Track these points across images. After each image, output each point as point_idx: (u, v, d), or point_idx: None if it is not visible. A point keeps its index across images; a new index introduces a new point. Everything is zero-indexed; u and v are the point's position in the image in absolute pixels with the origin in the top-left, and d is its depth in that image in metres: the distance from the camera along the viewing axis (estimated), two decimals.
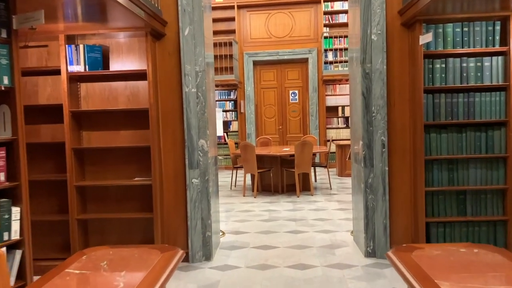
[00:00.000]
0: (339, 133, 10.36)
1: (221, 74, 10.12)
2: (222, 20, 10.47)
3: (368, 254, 3.82)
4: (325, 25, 10.23)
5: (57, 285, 1.73)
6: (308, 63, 10.44)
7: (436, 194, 3.63)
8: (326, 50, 10.10)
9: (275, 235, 4.64)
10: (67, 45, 3.62)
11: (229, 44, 10.11)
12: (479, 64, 3.53)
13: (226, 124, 10.63)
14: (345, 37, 10.02)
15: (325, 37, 10.06)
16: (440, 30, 3.53)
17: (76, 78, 3.77)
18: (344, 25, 10.20)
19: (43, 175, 3.86)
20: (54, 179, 3.77)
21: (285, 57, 10.42)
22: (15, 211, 2.48)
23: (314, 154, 7.55)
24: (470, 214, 3.61)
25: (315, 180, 8.27)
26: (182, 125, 3.81)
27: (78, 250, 3.69)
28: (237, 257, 3.95)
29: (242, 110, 10.63)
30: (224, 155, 10.69)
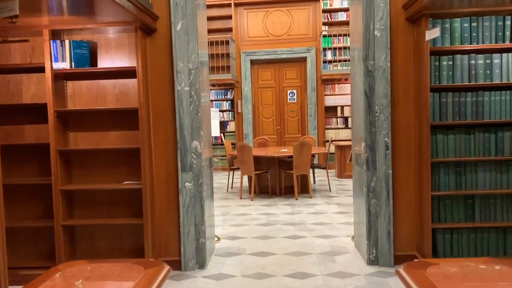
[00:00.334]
0: (338, 133, 10.17)
1: (217, 73, 9.92)
2: (218, 18, 10.26)
3: (370, 262, 3.62)
4: (324, 24, 10.03)
5: None
6: (306, 62, 10.24)
7: (443, 199, 3.43)
8: (325, 49, 9.90)
9: (273, 241, 4.44)
10: (51, 41, 3.41)
11: (226, 42, 9.90)
12: (488, 61, 3.33)
13: (223, 125, 10.42)
14: (344, 35, 9.84)
15: (324, 36, 9.87)
16: (447, 25, 3.33)
17: (62, 76, 3.57)
18: (344, 23, 10.02)
19: (27, 179, 3.65)
20: (39, 182, 3.55)
21: (283, 56, 10.22)
22: None
23: (313, 156, 7.36)
24: (478, 220, 3.42)
25: (314, 182, 8.07)
26: (174, 126, 3.61)
27: (64, 258, 3.49)
28: (233, 264, 3.75)
29: (239, 110, 10.43)
30: (221, 156, 10.48)
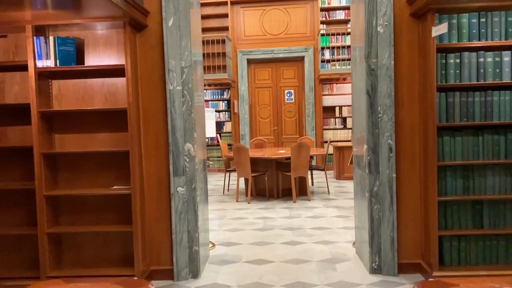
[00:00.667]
0: (336, 134, 9.99)
1: (213, 72, 9.72)
2: (214, 16, 10.06)
3: (373, 271, 3.44)
4: (322, 22, 9.85)
5: None
6: (304, 61, 10.06)
7: (450, 204, 3.25)
8: (323, 48, 9.72)
9: (270, 247, 4.24)
10: (35, 37, 3.21)
11: (222, 41, 9.70)
12: (497, 59, 3.15)
13: (219, 125, 10.22)
14: (343, 34, 9.66)
15: (322, 35, 9.68)
16: (454, 21, 3.15)
17: (46, 75, 3.36)
18: (342, 21, 9.85)
19: (10, 183, 3.44)
20: (22, 187, 3.34)
21: (281, 55, 10.03)
22: None
23: (311, 157, 7.17)
24: (487, 227, 3.24)
25: (312, 184, 7.89)
26: (166, 127, 3.41)
27: (49, 267, 3.30)
28: (228, 273, 3.55)
29: (236, 110, 10.23)
30: (217, 157, 10.28)
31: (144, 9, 3.30)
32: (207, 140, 9.69)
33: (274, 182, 6.81)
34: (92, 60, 3.45)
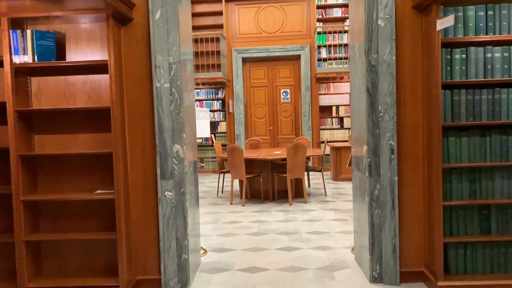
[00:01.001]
0: (333, 134, 9.80)
1: (208, 71, 9.51)
2: (209, 14, 9.85)
3: (373, 279, 3.24)
4: (318, 20, 9.65)
5: None
6: (300, 60, 9.86)
7: (455, 209, 3.05)
8: (319, 47, 9.53)
9: (265, 253, 4.03)
10: (11, 31, 2.98)
11: (217, 39, 9.49)
12: (506, 54, 2.96)
13: (214, 125, 10.01)
14: (340, 32, 9.47)
15: (319, 33, 9.49)
16: (460, 13, 2.95)
17: (24, 71, 3.13)
18: (339, 19, 9.65)
19: None
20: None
21: (276, 54, 9.83)
22: None
23: (308, 158, 6.97)
24: (495, 233, 3.04)
25: (309, 186, 7.69)
26: (152, 127, 3.20)
27: (27, 278, 3.07)
28: (220, 283, 3.34)
29: (231, 110, 10.02)
30: (212, 158, 10.07)
31: (129, 1, 3.08)
32: (200, 140, 9.47)
33: (270, 184, 6.60)
34: (74, 55, 3.22)
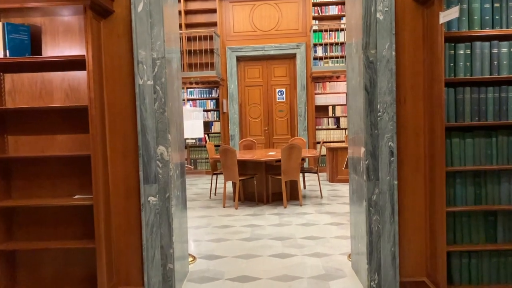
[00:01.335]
0: (329, 134, 9.59)
1: (201, 70, 9.29)
2: (202, 11, 9.63)
3: None
4: (314, 18, 9.45)
5: None
6: (296, 58, 9.66)
7: (459, 216, 2.85)
8: (315, 45, 9.33)
9: (257, 261, 3.82)
10: None
11: (210, 37, 9.27)
12: None
13: (208, 125, 9.78)
14: (336, 30, 9.27)
15: (314, 31, 9.29)
16: (465, 6, 2.75)
17: None
18: (335, 17, 9.46)
19: None
20: None
21: (271, 52, 9.62)
22: None
23: (303, 159, 6.76)
24: (501, 241, 2.84)
25: (304, 187, 7.48)
26: (135, 128, 2.98)
27: None
28: None
29: (225, 110, 9.80)
30: (205, 159, 9.85)
31: None
32: (194, 141, 9.25)
33: (264, 186, 6.39)
34: (51, 50, 3.00)
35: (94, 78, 2.77)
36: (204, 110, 9.60)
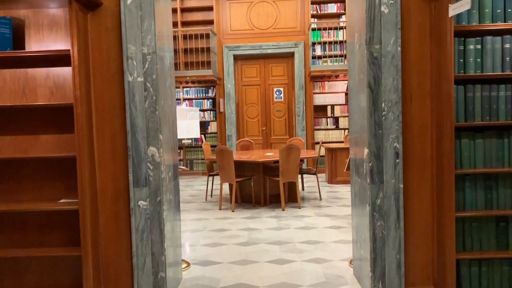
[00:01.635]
0: (328, 135, 9.43)
1: (197, 69, 9.12)
2: (198, 9, 9.45)
3: None
4: (313, 16, 9.28)
5: None
6: (294, 57, 9.49)
7: (468, 221, 2.69)
8: (314, 44, 9.16)
9: (254, 267, 3.65)
10: None
11: (207, 36, 9.10)
12: None
13: (204, 125, 9.60)
14: (335, 29, 9.11)
15: (313, 29, 9.12)
16: None
17: None
18: (334, 15, 9.30)
19: None
20: None
21: (269, 51, 9.45)
22: None
23: (302, 160, 6.59)
24: None
25: (303, 189, 7.31)
26: (124, 128, 2.80)
27: None
28: None
29: (222, 110, 9.62)
30: (201, 159, 9.67)
31: None
32: (190, 141, 9.08)
33: (261, 188, 6.21)
34: (35, 45, 2.83)
35: (80, 74, 2.60)
36: (200, 110, 9.42)
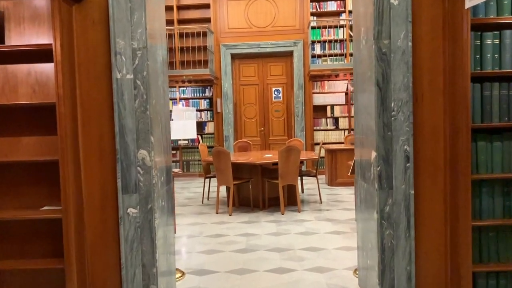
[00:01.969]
0: (327, 135, 9.22)
1: (194, 68, 8.90)
2: (195, 7, 9.23)
3: None
4: (312, 14, 9.08)
5: None
6: (293, 56, 9.28)
7: (485, 231, 2.49)
8: (313, 42, 8.95)
9: (252, 277, 3.44)
10: None
11: (203, 34, 8.88)
12: None
13: (201, 126, 9.38)
14: (335, 27, 8.92)
15: (312, 28, 8.92)
16: None
17: None
18: (334, 13, 9.10)
19: None
20: None
21: (267, 50, 9.24)
22: None
23: (301, 162, 6.39)
24: None
25: (302, 191, 7.11)
26: (112, 129, 2.59)
27: None
28: None
29: (219, 110, 9.41)
30: (198, 161, 9.45)
31: None
32: (186, 142, 8.86)
33: (260, 190, 6.00)
34: (15, 39, 2.62)
35: (64, 70, 2.38)
36: (197, 110, 9.20)
